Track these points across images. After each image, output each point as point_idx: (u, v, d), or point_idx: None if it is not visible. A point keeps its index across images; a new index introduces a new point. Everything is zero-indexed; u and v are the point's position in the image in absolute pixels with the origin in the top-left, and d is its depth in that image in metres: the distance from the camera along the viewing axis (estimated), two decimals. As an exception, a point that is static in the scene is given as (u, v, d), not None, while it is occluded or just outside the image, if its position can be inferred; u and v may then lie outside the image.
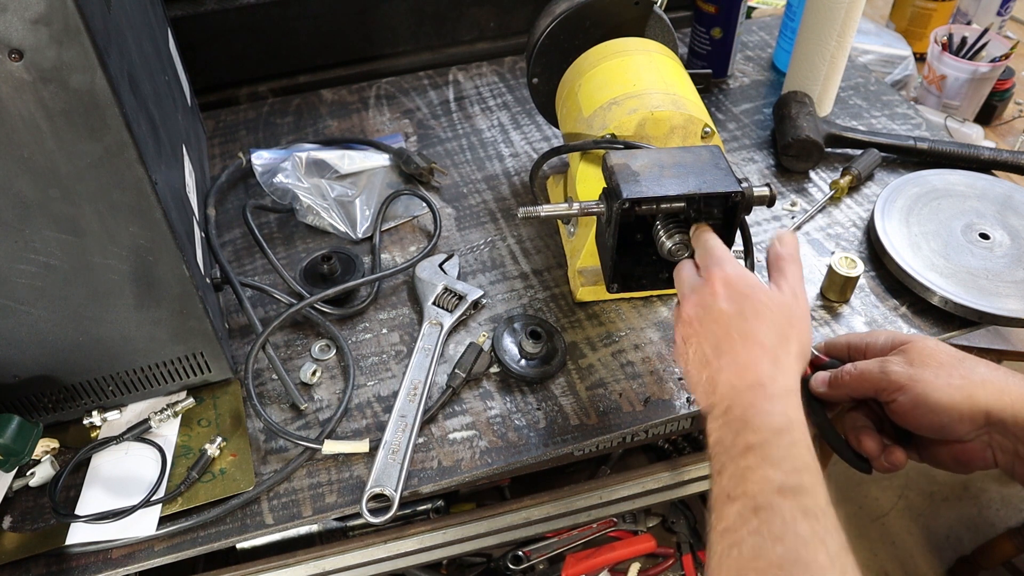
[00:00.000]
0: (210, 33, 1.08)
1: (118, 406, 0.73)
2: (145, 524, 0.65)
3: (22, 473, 0.69)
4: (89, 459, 0.70)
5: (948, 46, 1.24)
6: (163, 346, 0.69)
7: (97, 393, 0.71)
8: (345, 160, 0.98)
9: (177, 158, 0.75)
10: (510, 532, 0.89)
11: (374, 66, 1.20)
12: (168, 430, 0.72)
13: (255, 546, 0.92)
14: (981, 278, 0.80)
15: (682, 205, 0.63)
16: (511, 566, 1.07)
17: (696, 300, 0.59)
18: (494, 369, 0.77)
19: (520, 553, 1.07)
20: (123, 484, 0.68)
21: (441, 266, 0.86)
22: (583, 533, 1.09)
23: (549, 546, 1.08)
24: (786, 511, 0.45)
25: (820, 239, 0.90)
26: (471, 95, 1.15)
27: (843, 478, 1.74)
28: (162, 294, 0.64)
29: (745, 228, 0.66)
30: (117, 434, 0.71)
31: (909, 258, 0.82)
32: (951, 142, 0.98)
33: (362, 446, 0.70)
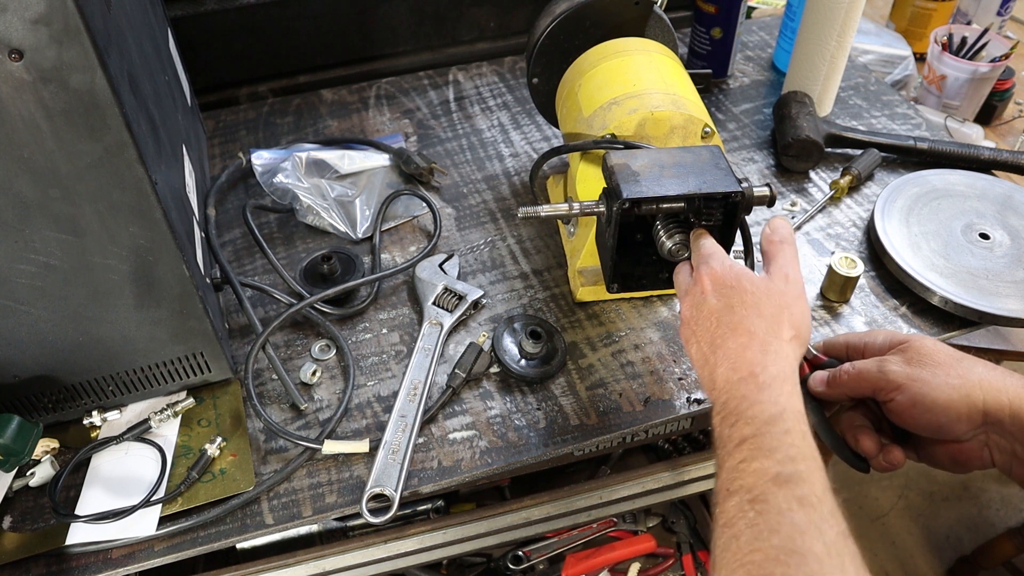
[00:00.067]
0: (210, 33, 1.08)
1: (118, 406, 0.73)
2: (145, 524, 0.65)
3: (22, 473, 0.69)
4: (89, 459, 0.70)
5: (948, 46, 1.24)
6: (163, 346, 0.69)
7: (97, 393, 0.71)
8: (345, 160, 0.98)
9: (177, 158, 0.75)
10: (510, 532, 0.89)
11: (374, 66, 1.20)
12: (168, 430, 0.72)
13: (255, 546, 0.92)
14: (981, 278, 0.80)
15: (682, 205, 0.63)
16: (511, 566, 1.06)
17: (690, 301, 0.60)
18: (494, 369, 0.77)
19: (520, 553, 1.07)
20: (123, 484, 0.68)
21: (441, 266, 0.86)
22: (583, 533, 1.09)
23: (549, 546, 1.08)
24: (781, 501, 0.45)
25: (820, 239, 0.90)
26: (471, 95, 1.15)
27: (842, 478, 1.74)
28: (162, 294, 0.64)
29: (745, 228, 0.66)
30: (117, 434, 0.71)
31: (909, 258, 0.82)
32: (951, 142, 0.98)
33: (362, 446, 0.70)
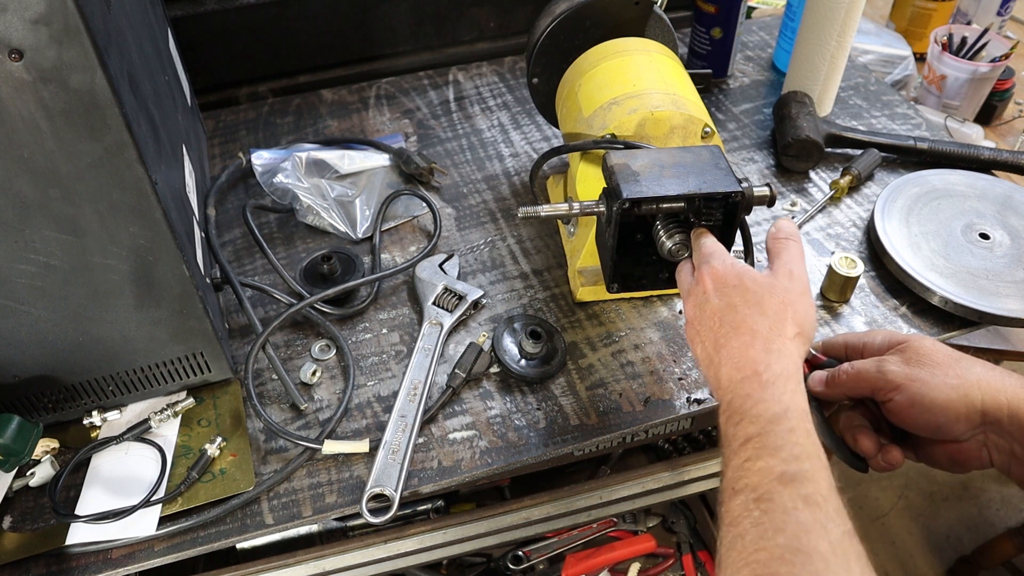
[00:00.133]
0: (210, 33, 1.08)
1: (118, 406, 0.73)
2: (145, 524, 0.65)
3: (22, 473, 0.69)
4: (89, 459, 0.70)
5: (948, 46, 1.24)
6: (163, 346, 0.69)
7: (97, 393, 0.71)
8: (345, 160, 0.98)
9: (177, 158, 0.75)
10: (510, 532, 0.89)
11: (374, 66, 1.20)
12: (168, 430, 0.72)
13: (255, 546, 0.92)
14: (981, 278, 0.80)
15: (682, 205, 0.63)
16: (511, 566, 1.07)
17: (692, 301, 0.60)
18: (494, 369, 0.77)
19: (520, 553, 1.07)
20: (123, 484, 0.68)
21: (441, 266, 0.86)
22: (583, 533, 1.09)
23: (549, 546, 1.08)
24: (786, 500, 0.45)
25: (820, 239, 0.90)
26: (471, 95, 1.15)
27: (842, 478, 1.74)
28: (162, 294, 0.64)
29: (745, 228, 0.66)
30: (117, 434, 0.71)
31: (909, 258, 0.82)
32: (951, 142, 0.98)
33: (362, 446, 0.70)
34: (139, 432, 0.71)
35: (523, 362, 0.76)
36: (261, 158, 0.98)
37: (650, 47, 0.83)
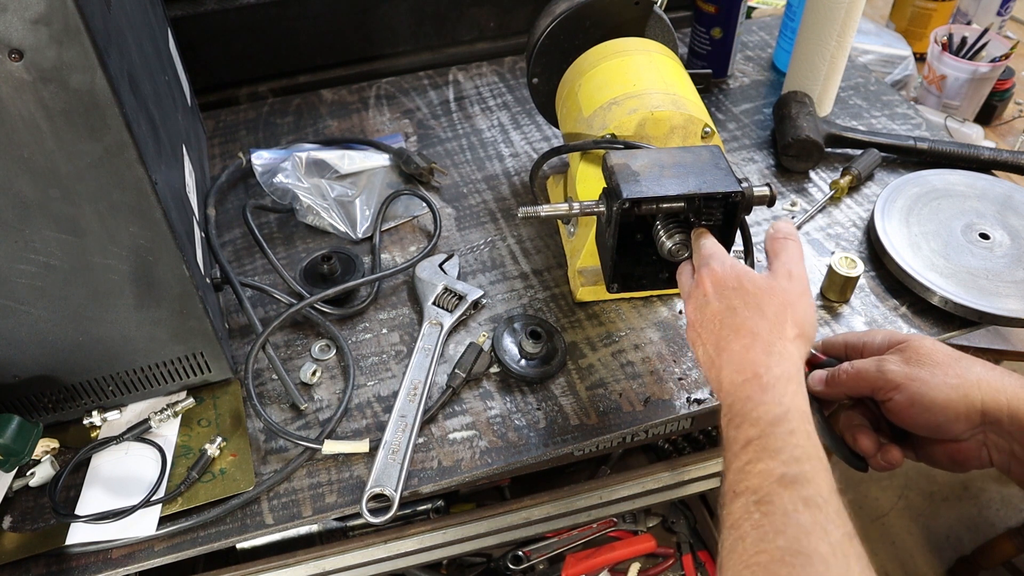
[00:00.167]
0: (210, 33, 1.08)
1: (118, 406, 0.73)
2: (145, 524, 0.65)
3: (22, 473, 0.69)
4: (89, 459, 0.70)
5: (948, 46, 1.24)
6: (163, 346, 0.69)
7: (97, 393, 0.71)
8: (345, 160, 0.98)
9: (177, 158, 0.75)
10: (510, 532, 0.89)
11: (374, 66, 1.20)
12: (168, 430, 0.72)
13: (255, 546, 0.92)
14: (981, 278, 0.80)
15: (682, 205, 0.63)
16: (511, 566, 1.07)
17: (693, 304, 0.60)
18: (494, 369, 0.77)
19: (520, 553, 1.07)
20: (123, 484, 0.68)
21: (441, 266, 0.86)
22: (583, 533, 1.09)
23: (549, 546, 1.08)
24: (787, 502, 0.45)
25: (820, 239, 0.90)
26: (471, 95, 1.15)
27: (842, 478, 1.74)
28: (162, 294, 0.64)
29: (745, 228, 0.66)
30: (117, 434, 0.71)
31: (909, 258, 0.82)
32: (951, 142, 0.98)
33: (362, 446, 0.70)
34: (139, 432, 0.71)
35: (523, 362, 0.76)
36: (261, 158, 0.98)
37: (650, 47, 0.83)
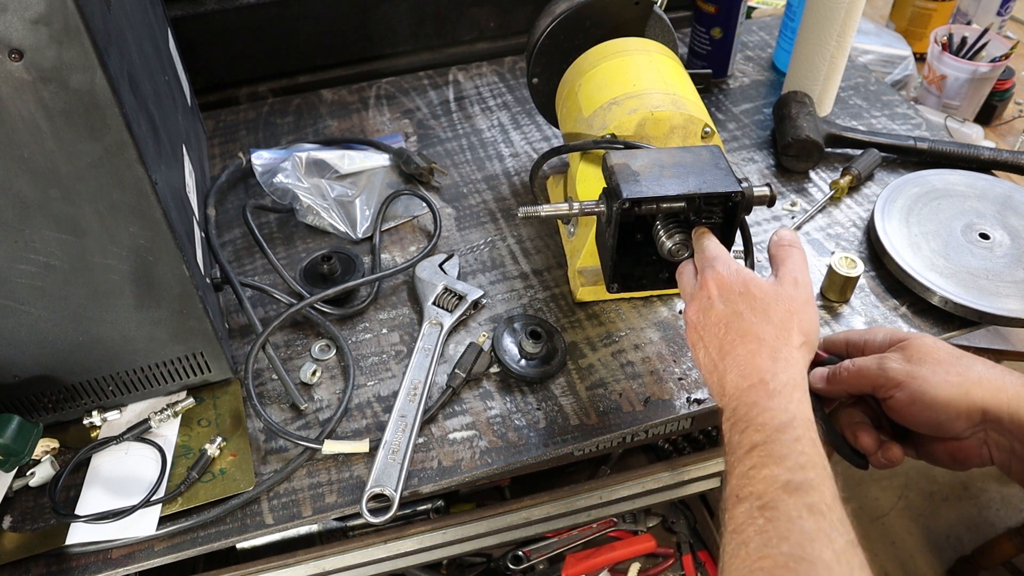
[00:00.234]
0: (210, 33, 1.08)
1: (118, 406, 0.73)
2: (145, 524, 0.65)
3: (22, 473, 0.69)
4: (89, 459, 0.70)
5: (948, 46, 1.24)
6: (163, 346, 0.69)
7: (97, 393, 0.71)
8: (345, 160, 0.98)
9: (177, 158, 0.75)
10: (510, 532, 0.89)
11: (374, 66, 1.20)
12: (168, 430, 0.72)
13: (255, 546, 0.92)
14: (981, 278, 0.80)
15: (682, 205, 0.63)
16: (511, 566, 1.07)
17: (696, 306, 0.59)
18: (494, 369, 0.77)
19: (520, 553, 1.07)
20: (123, 484, 0.68)
21: (441, 266, 0.86)
22: (583, 533, 1.09)
23: (549, 546, 1.08)
24: (791, 508, 0.45)
25: (820, 239, 0.90)
26: (471, 95, 1.16)
27: (843, 478, 1.74)
28: (162, 294, 0.64)
29: (745, 228, 0.66)
30: (117, 434, 0.71)
31: (909, 258, 0.82)
32: (951, 142, 0.98)
33: (362, 446, 0.70)
34: (139, 432, 0.71)
35: (523, 362, 0.76)
36: (261, 158, 0.98)
37: (650, 47, 0.83)
